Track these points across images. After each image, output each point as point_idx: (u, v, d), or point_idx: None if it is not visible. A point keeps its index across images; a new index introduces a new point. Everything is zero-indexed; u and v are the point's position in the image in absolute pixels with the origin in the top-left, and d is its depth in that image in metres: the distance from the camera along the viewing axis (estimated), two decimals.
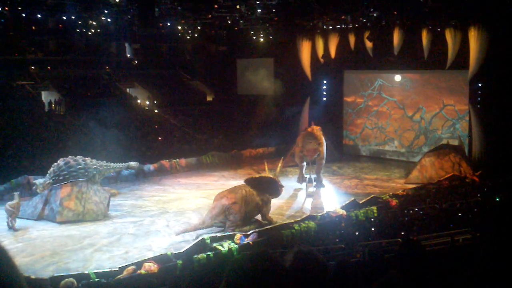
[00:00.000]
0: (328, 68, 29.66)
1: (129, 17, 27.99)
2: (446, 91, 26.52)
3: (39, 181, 18.23)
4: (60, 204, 16.94)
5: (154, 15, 22.86)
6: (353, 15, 26.24)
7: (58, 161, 18.30)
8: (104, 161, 19.78)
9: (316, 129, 21.36)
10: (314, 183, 20.93)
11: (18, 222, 16.14)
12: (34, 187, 18.11)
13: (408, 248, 3.42)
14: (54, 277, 11.04)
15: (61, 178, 17.81)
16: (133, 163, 21.01)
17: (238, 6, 24.78)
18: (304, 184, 21.03)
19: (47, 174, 18.21)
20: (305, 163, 21.62)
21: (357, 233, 14.13)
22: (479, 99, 24.53)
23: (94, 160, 19.13)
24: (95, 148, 23.55)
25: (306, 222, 15.20)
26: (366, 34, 26.31)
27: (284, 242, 13.83)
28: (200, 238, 13.53)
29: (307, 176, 20.95)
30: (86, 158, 18.87)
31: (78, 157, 18.69)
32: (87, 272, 11.47)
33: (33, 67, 32.14)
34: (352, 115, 30.61)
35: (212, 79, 38.66)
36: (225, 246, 13.30)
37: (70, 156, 18.59)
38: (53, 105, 29.84)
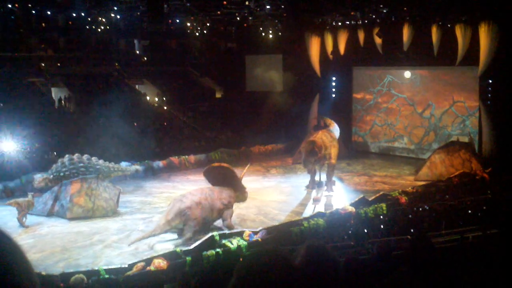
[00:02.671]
0: (337, 65, 29.54)
1: (138, 13, 28.10)
2: (456, 88, 26.36)
3: (37, 175, 18.37)
4: (70, 200, 17.04)
5: (163, 12, 22.90)
6: (362, 11, 26.14)
7: (64, 158, 18.35)
8: (112, 163, 19.69)
9: (319, 137, 20.05)
10: (324, 188, 20.33)
11: (29, 218, 16.27)
12: (32, 181, 18.20)
13: (417, 245, 3.41)
14: (64, 273, 11.12)
15: (61, 175, 17.88)
16: (136, 167, 21.43)
17: (247, 3, 24.80)
18: (314, 191, 20.37)
19: (49, 170, 18.33)
20: (315, 168, 20.54)
21: (366, 230, 14.10)
22: (489, 95, 24.36)
23: (100, 161, 19.08)
24: (105, 145, 23.67)
25: (315, 219, 15.16)
26: (376, 30, 26.18)
27: (293, 239, 13.82)
28: (209, 235, 13.55)
29: (317, 179, 20.66)
30: (92, 158, 18.85)
31: (85, 156, 18.67)
32: (97, 268, 11.52)
33: (43, 64, 32.30)
34: (361, 112, 30.52)
35: (221, 75, 38.64)
36: (234, 243, 13.31)
37: (76, 154, 18.61)
38: (63, 102, 30.00)
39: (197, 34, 34.19)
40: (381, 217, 15.74)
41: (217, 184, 15.59)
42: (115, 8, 26.53)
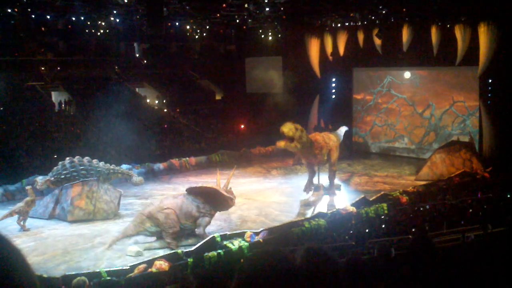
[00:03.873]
0: (337, 66, 29.57)
1: (137, 17, 28.09)
2: (456, 88, 26.37)
3: (39, 178, 18.33)
4: (71, 203, 17.05)
5: (162, 15, 22.89)
6: (361, 13, 26.17)
7: (64, 160, 18.33)
8: (113, 165, 19.53)
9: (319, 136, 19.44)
10: (324, 191, 19.90)
11: (30, 222, 16.26)
12: (34, 184, 18.11)
13: (419, 245, 3.41)
14: (66, 276, 11.12)
15: (62, 177, 17.87)
16: (138, 179, 20.41)
17: (246, 5, 24.78)
18: (310, 193, 19.76)
19: (50, 172, 18.30)
20: (314, 170, 19.92)
21: (367, 230, 14.09)
22: (489, 95, 24.38)
23: (101, 163, 18.96)
24: (105, 147, 23.70)
25: (316, 219, 15.15)
26: (375, 31, 26.23)
27: (295, 240, 13.81)
28: (211, 236, 13.55)
29: (316, 182, 20.45)
30: (94, 160, 18.78)
31: (85, 158, 18.62)
32: (98, 270, 11.53)
33: (43, 68, 32.38)
34: (361, 113, 30.53)
35: (220, 78, 38.72)
36: (235, 244, 13.32)
37: (77, 157, 18.58)
38: (63, 105, 30.04)
39: (196, 37, 34.25)
40: (382, 217, 15.72)
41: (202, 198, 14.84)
42: (115, 11, 26.54)
